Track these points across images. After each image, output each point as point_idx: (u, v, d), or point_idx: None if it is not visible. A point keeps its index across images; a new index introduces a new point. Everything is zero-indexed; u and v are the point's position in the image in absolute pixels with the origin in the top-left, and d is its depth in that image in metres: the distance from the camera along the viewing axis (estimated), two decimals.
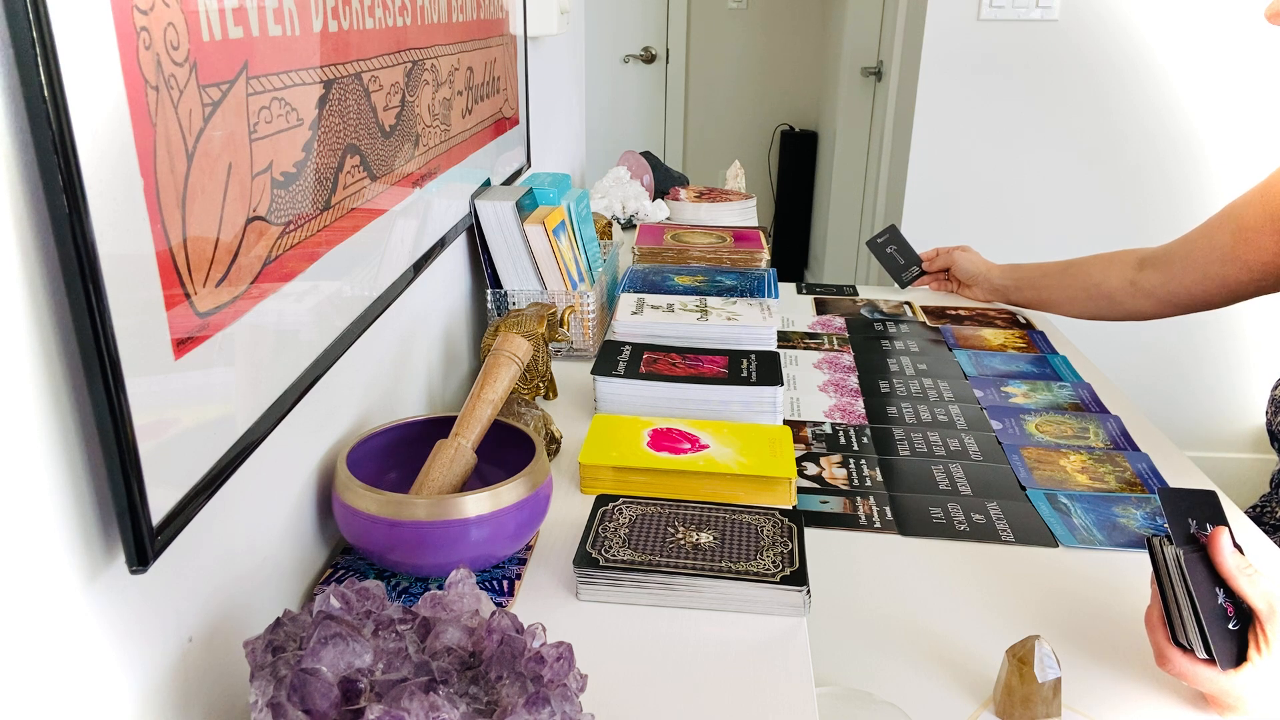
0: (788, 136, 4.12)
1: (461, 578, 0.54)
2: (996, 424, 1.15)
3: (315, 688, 0.45)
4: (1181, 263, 1.26)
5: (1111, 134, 2.31)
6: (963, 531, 0.92)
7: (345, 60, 0.70)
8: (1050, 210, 2.38)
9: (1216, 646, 0.68)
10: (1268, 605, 0.67)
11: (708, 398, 0.98)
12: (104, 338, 0.41)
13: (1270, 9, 0.98)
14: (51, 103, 0.37)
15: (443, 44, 0.97)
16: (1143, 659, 0.75)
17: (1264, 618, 0.67)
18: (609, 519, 0.77)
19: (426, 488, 0.71)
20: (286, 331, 0.62)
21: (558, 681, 0.49)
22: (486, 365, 0.76)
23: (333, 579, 0.71)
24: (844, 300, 1.60)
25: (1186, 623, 0.69)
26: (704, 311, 1.17)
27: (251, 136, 0.55)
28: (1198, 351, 2.46)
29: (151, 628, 0.50)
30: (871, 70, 3.19)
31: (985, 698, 0.72)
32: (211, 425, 0.52)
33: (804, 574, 0.70)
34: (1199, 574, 0.69)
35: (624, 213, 1.88)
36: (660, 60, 4.14)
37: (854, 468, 1.04)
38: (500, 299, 1.17)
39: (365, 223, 0.76)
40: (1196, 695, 0.72)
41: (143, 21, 0.44)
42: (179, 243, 0.48)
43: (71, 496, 0.43)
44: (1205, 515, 0.72)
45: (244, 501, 0.60)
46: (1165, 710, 0.71)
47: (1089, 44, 2.24)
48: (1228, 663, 0.68)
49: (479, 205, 1.13)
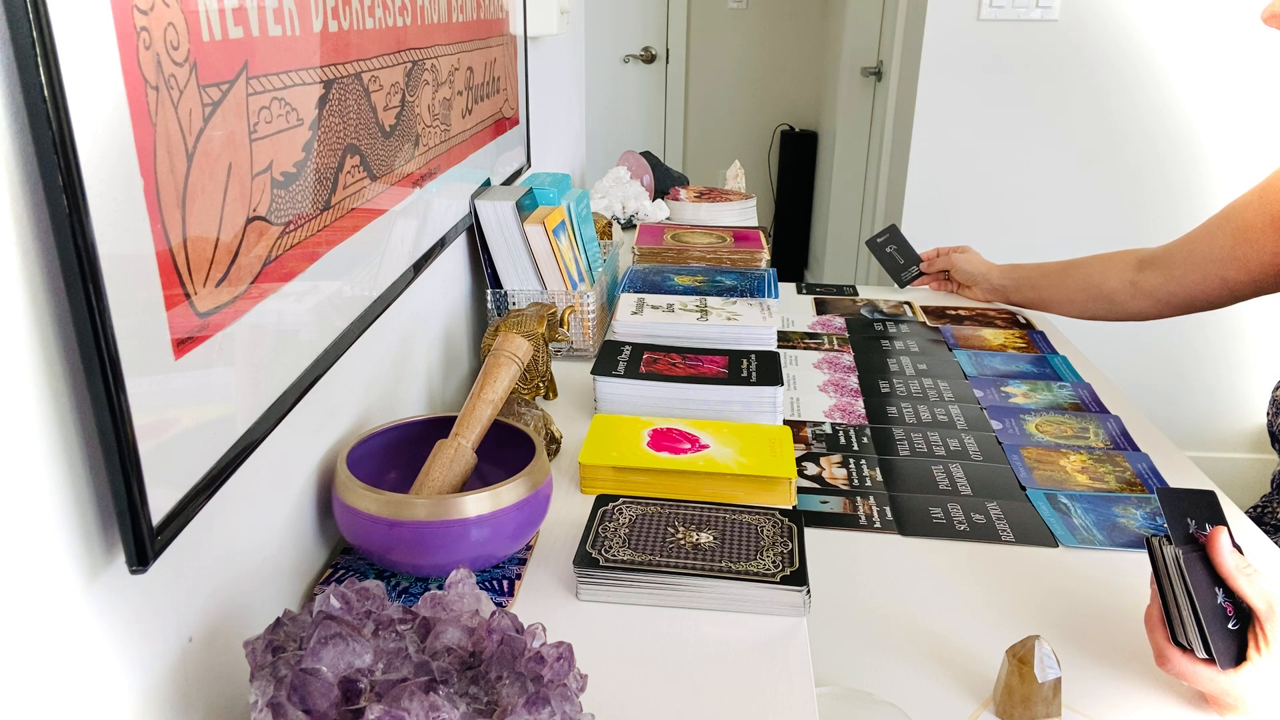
0: (788, 136, 4.12)
1: (461, 578, 0.54)
2: (996, 424, 1.15)
3: (315, 688, 0.45)
4: (1181, 263, 1.26)
5: (1111, 134, 2.31)
6: (963, 531, 0.92)
7: (345, 60, 0.70)
8: (1050, 210, 2.38)
9: (1216, 646, 0.68)
10: (1267, 605, 0.67)
11: (708, 398, 0.98)
12: (104, 338, 0.41)
13: (1266, 11, 0.98)
14: (51, 103, 0.37)
15: (443, 44, 0.97)
16: (1143, 659, 0.75)
17: (1263, 617, 0.67)
18: (609, 519, 0.77)
19: (426, 488, 0.71)
20: (286, 331, 0.62)
21: (558, 681, 0.49)
22: (486, 365, 0.76)
23: (333, 579, 0.71)
24: (844, 300, 1.60)
25: (1186, 622, 0.69)
26: (704, 311, 1.17)
27: (251, 136, 0.55)
28: (1198, 351, 2.46)
29: (151, 628, 0.50)
30: (871, 70, 3.19)
31: (985, 698, 0.72)
32: (211, 425, 0.52)
33: (804, 574, 0.70)
34: (1198, 574, 0.69)
35: (624, 213, 1.88)
36: (660, 60, 4.14)
37: (854, 468, 1.04)
38: (500, 299, 1.17)
39: (365, 223, 0.76)
40: (1196, 695, 0.72)
41: (143, 21, 0.44)
42: (179, 243, 0.48)
43: (71, 496, 0.43)
44: (1204, 515, 0.72)
45: (244, 501, 0.60)
46: (1165, 710, 0.71)
47: (1089, 44, 2.24)
48: (1227, 662, 0.68)
49: (479, 205, 1.13)
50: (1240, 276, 1.19)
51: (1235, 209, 1.19)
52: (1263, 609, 0.67)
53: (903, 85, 2.52)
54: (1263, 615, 0.67)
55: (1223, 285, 1.21)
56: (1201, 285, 1.24)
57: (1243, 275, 1.19)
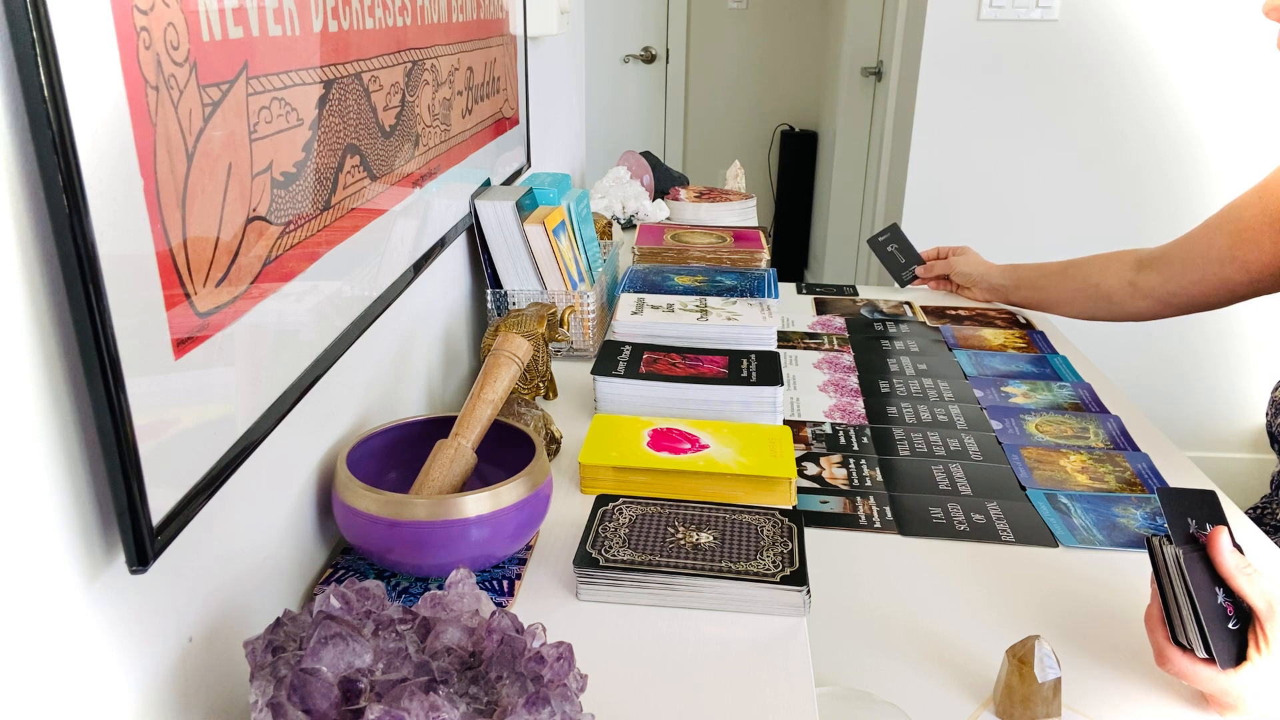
0: (788, 136, 4.12)
1: (461, 578, 0.54)
2: (996, 424, 1.15)
3: (315, 688, 0.45)
4: (1180, 263, 1.26)
5: (1111, 134, 2.31)
6: (963, 531, 0.92)
7: (345, 60, 0.70)
8: (1050, 210, 2.38)
9: (1216, 646, 0.68)
10: (1267, 605, 0.67)
11: (708, 398, 0.98)
12: (104, 338, 0.41)
13: (1268, 4, 0.98)
14: (51, 103, 0.37)
15: (443, 44, 0.97)
16: (1143, 659, 0.75)
17: (1264, 617, 0.67)
18: (609, 519, 0.77)
19: (426, 488, 0.71)
20: (286, 331, 0.62)
21: (558, 681, 0.49)
22: (486, 365, 0.76)
23: (333, 579, 0.71)
24: (844, 300, 1.60)
25: (1186, 622, 0.69)
26: (704, 311, 1.17)
27: (251, 136, 0.55)
28: (1198, 351, 2.46)
29: (151, 628, 0.50)
30: (871, 70, 3.19)
31: (985, 698, 0.72)
32: (211, 425, 0.52)
33: (804, 574, 0.70)
34: (1198, 573, 0.69)
35: (624, 213, 1.88)
36: (660, 60, 4.14)
37: (854, 468, 1.04)
38: (500, 299, 1.17)
39: (365, 223, 0.76)
40: (1196, 695, 0.72)
41: (143, 21, 0.44)
42: (179, 243, 0.48)
43: (71, 496, 0.43)
44: (1204, 515, 0.72)
45: (244, 501, 0.60)
46: (1165, 710, 0.71)
47: (1089, 44, 2.24)
48: (1227, 662, 0.68)
49: (479, 205, 1.13)
50: (1239, 276, 1.19)
51: (1234, 209, 1.19)
52: (1263, 609, 0.67)
53: (903, 85, 2.52)
54: (1263, 615, 0.67)
55: (1222, 285, 1.21)
56: (1200, 285, 1.24)
57: (1241, 275, 1.19)
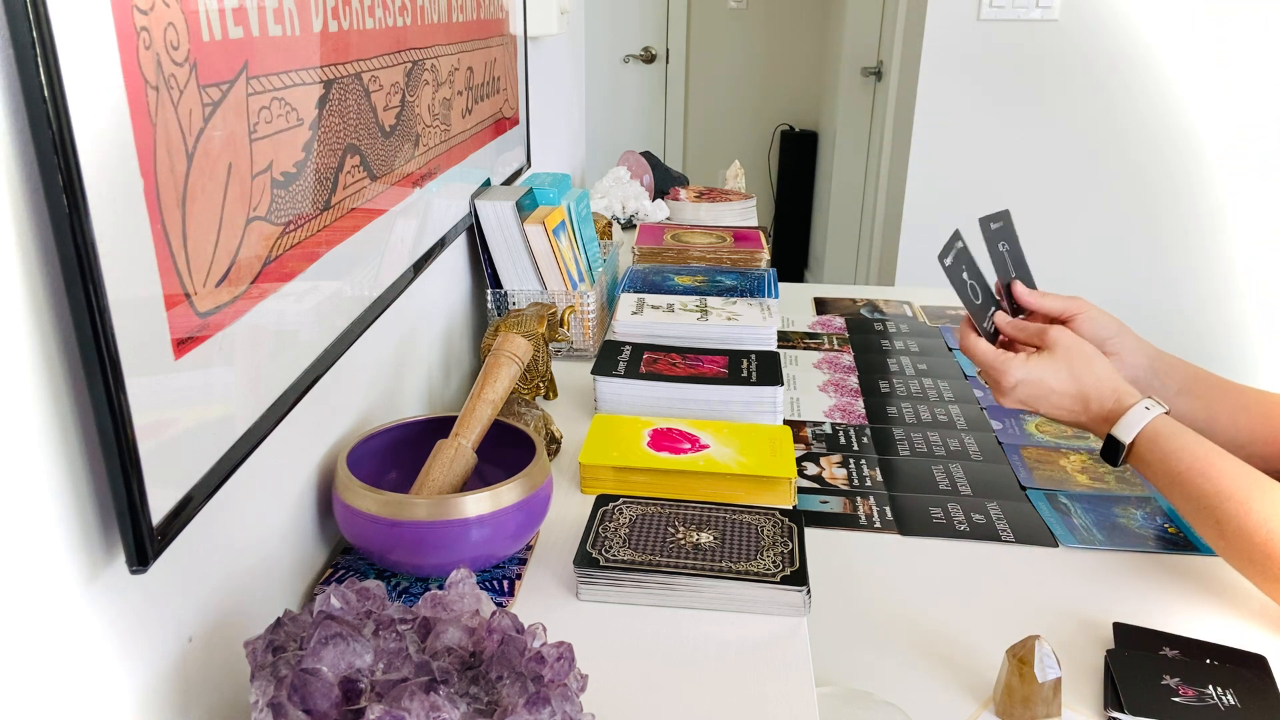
0: (788, 136, 4.12)
1: (462, 578, 0.54)
2: (996, 424, 1.15)
3: (315, 688, 0.45)
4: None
5: (1112, 133, 2.31)
6: (963, 531, 0.92)
7: (345, 60, 0.70)
8: (1050, 210, 2.38)
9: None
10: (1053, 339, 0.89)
11: (708, 398, 0.98)
12: (104, 338, 0.41)
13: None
14: (51, 103, 0.37)
15: (443, 44, 0.97)
16: None
17: (1050, 340, 0.90)
18: (609, 519, 0.77)
19: (426, 488, 0.71)
20: (286, 331, 0.62)
21: (558, 681, 0.49)
22: (486, 365, 0.76)
23: (333, 579, 0.71)
24: (844, 300, 1.60)
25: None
26: (704, 311, 1.17)
27: (251, 136, 0.55)
28: (1199, 353, 2.46)
29: (151, 628, 0.50)
30: (871, 70, 3.19)
31: (985, 698, 0.72)
32: (212, 425, 0.52)
33: (804, 574, 0.70)
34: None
35: (624, 213, 1.88)
36: (660, 60, 4.14)
37: (854, 468, 1.04)
38: (500, 299, 1.17)
39: (365, 223, 0.76)
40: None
41: (143, 21, 0.44)
42: (179, 243, 0.48)
43: (71, 496, 0.43)
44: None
45: (244, 501, 0.60)
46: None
47: (1089, 43, 2.24)
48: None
49: (479, 205, 1.13)
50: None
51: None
52: (1052, 336, 0.90)
53: (903, 85, 2.52)
54: (1050, 337, 0.90)
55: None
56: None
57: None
